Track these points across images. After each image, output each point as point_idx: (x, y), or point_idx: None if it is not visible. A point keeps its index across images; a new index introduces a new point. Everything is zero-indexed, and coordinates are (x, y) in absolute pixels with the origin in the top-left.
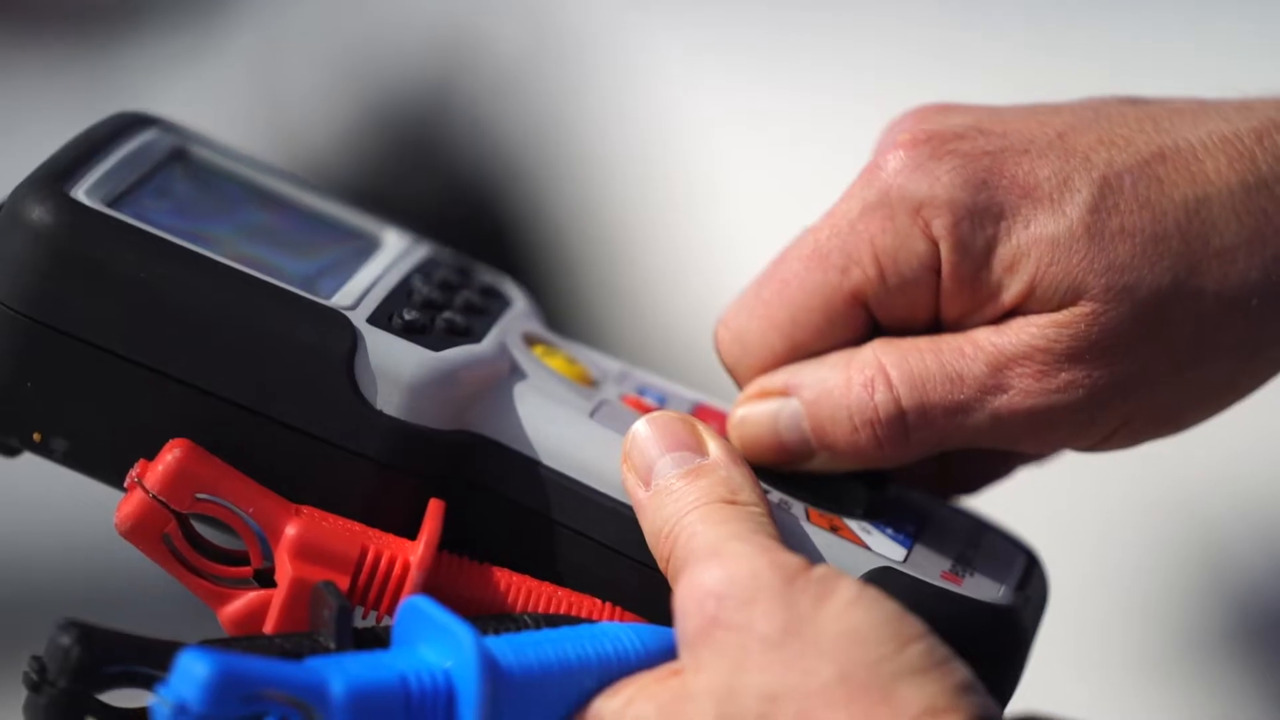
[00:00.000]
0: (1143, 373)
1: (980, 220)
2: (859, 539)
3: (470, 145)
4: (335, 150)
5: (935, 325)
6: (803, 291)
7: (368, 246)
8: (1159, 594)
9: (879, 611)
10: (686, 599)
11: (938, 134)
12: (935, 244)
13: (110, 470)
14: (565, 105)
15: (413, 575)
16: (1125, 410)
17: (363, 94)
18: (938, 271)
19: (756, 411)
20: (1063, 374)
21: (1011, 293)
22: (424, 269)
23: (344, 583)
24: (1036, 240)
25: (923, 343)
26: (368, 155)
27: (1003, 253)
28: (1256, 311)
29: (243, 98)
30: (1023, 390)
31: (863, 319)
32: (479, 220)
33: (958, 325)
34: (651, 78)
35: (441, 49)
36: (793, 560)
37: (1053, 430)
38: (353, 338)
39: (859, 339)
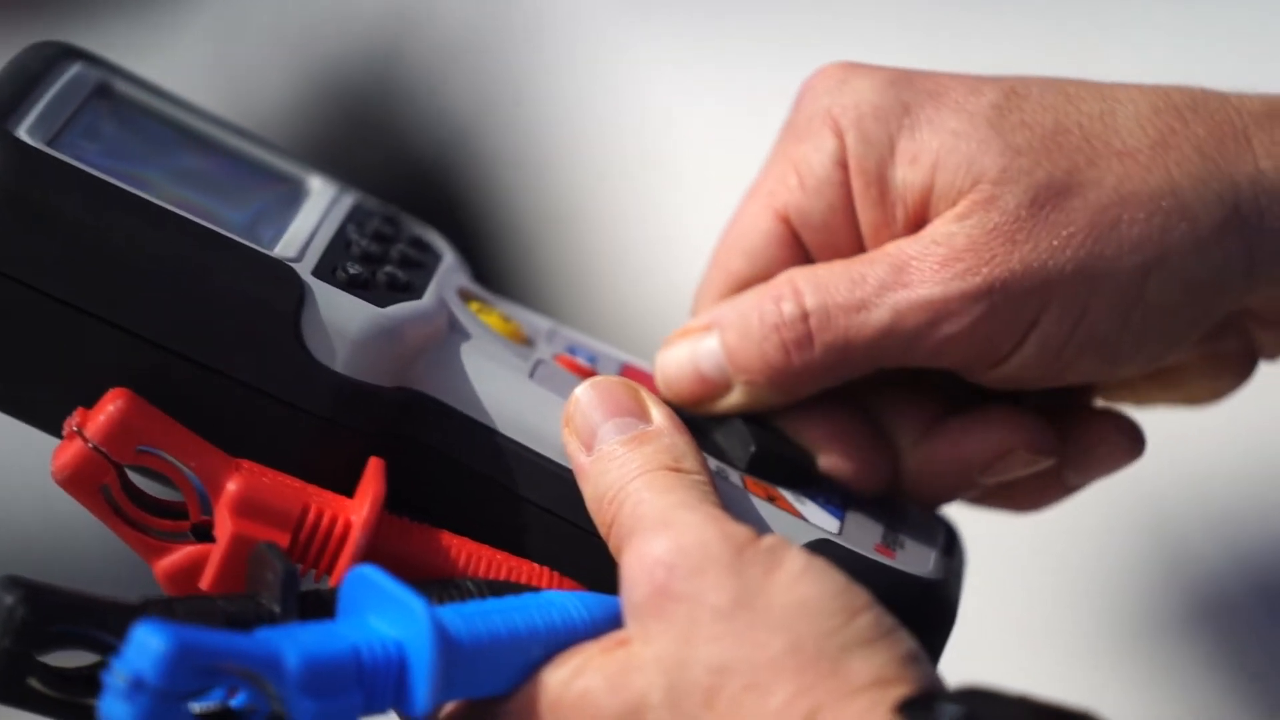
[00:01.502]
0: (1044, 267)
1: (884, 115)
2: (795, 509)
3: (426, 119)
4: (290, 125)
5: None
6: (738, 226)
7: (295, 192)
8: (1111, 579)
9: (827, 583)
10: (635, 568)
11: (856, 63)
12: (841, 138)
13: (48, 417)
14: (518, 76)
15: (354, 535)
16: (1032, 308)
17: (317, 69)
18: (846, 166)
19: (676, 348)
20: (960, 263)
21: (915, 188)
22: (355, 218)
23: (284, 540)
24: (938, 131)
25: (837, 261)
26: (322, 130)
27: (905, 146)
28: (1163, 216)
29: (199, 71)
30: (922, 281)
31: (794, 247)
32: (432, 192)
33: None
34: (605, 46)
35: (396, 23)
36: (741, 531)
37: (956, 327)
38: (300, 291)
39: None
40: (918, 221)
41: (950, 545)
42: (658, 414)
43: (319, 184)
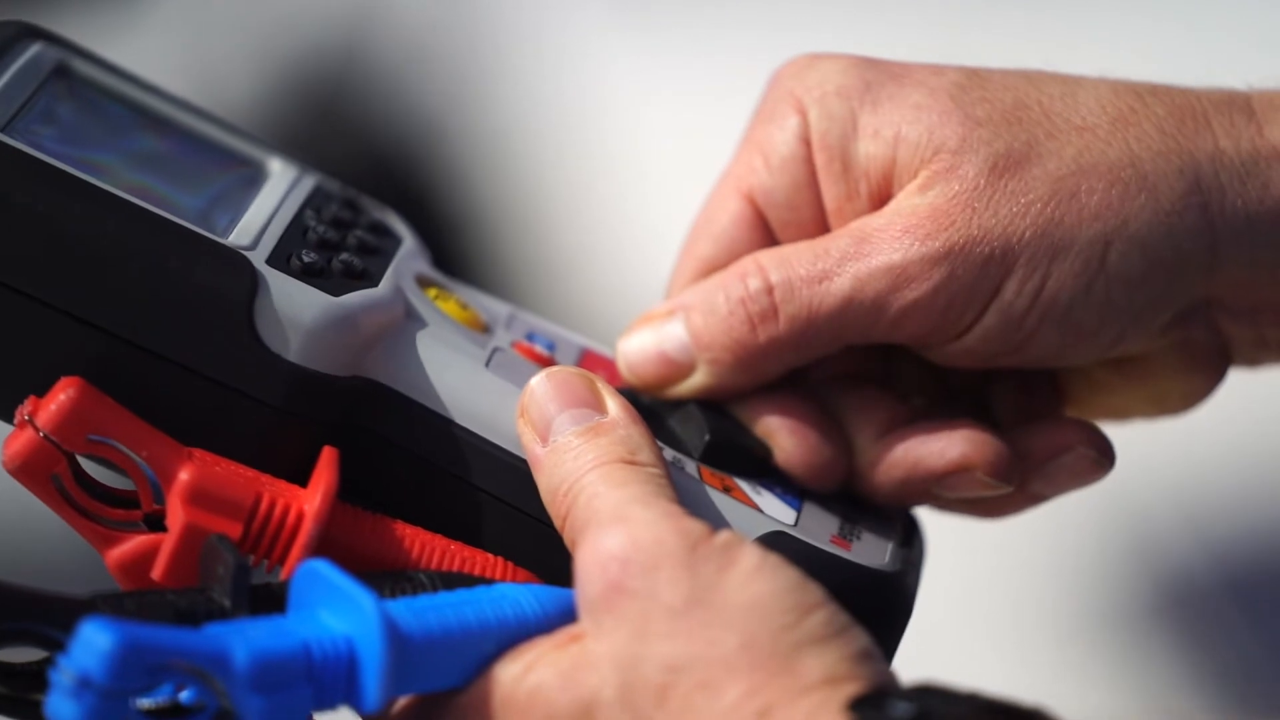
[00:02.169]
0: (1004, 233)
1: (847, 93)
2: (751, 500)
3: (392, 109)
4: (257, 116)
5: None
6: (706, 211)
7: (254, 175)
8: (1082, 572)
9: (781, 579)
10: (589, 563)
11: (823, 53)
12: (804, 115)
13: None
14: (483, 67)
15: (307, 526)
16: (993, 276)
17: (284, 61)
18: (809, 143)
19: (640, 333)
20: (920, 229)
21: (878, 162)
22: (314, 202)
23: (237, 530)
24: (900, 106)
25: (802, 242)
26: (289, 120)
27: (868, 121)
28: (1122, 187)
29: (166, 61)
30: (882, 250)
31: (759, 228)
32: (398, 182)
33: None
34: (570, 34)
35: (362, 14)
36: (696, 527)
37: (916, 293)
38: (253, 280)
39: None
40: (881, 196)
41: (909, 537)
42: (613, 405)
43: (279, 166)
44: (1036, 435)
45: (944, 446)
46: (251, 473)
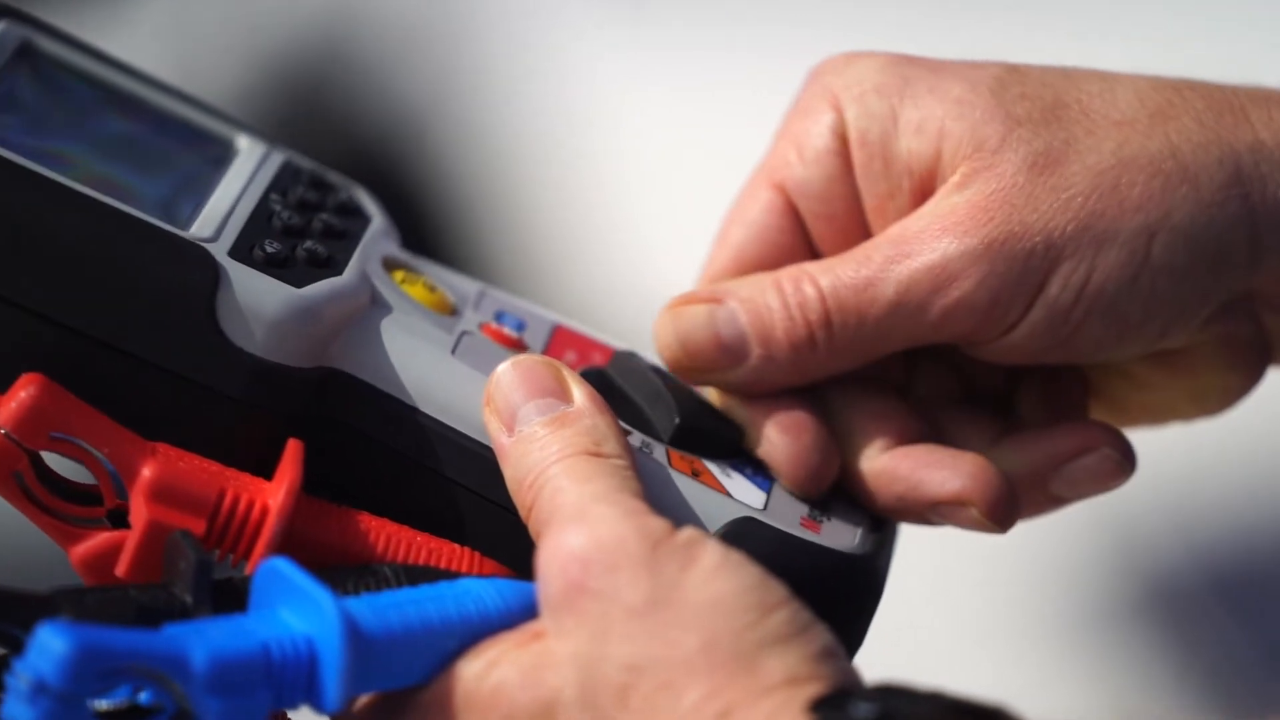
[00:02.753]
0: (1046, 228)
1: (886, 90)
2: (720, 485)
3: (375, 101)
4: (239, 108)
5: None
6: (739, 201)
7: (222, 154)
8: (1065, 570)
9: (743, 578)
10: (550, 562)
11: (859, 51)
12: (840, 112)
13: None
14: (468, 57)
15: (270, 522)
16: (1038, 271)
17: (266, 54)
18: (844, 138)
19: (691, 309)
20: (959, 227)
21: (922, 157)
22: (280, 184)
23: (200, 526)
24: (942, 99)
25: (844, 253)
26: (271, 112)
27: (910, 116)
28: (1164, 178)
29: (150, 57)
30: (923, 250)
31: (791, 216)
32: (380, 174)
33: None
34: (556, 27)
35: (348, 9)
36: (658, 525)
37: (961, 291)
38: (215, 274)
39: (793, 254)
40: (924, 191)
41: (881, 519)
42: (579, 394)
43: (247, 144)
44: (1060, 435)
45: (946, 476)
46: (216, 467)
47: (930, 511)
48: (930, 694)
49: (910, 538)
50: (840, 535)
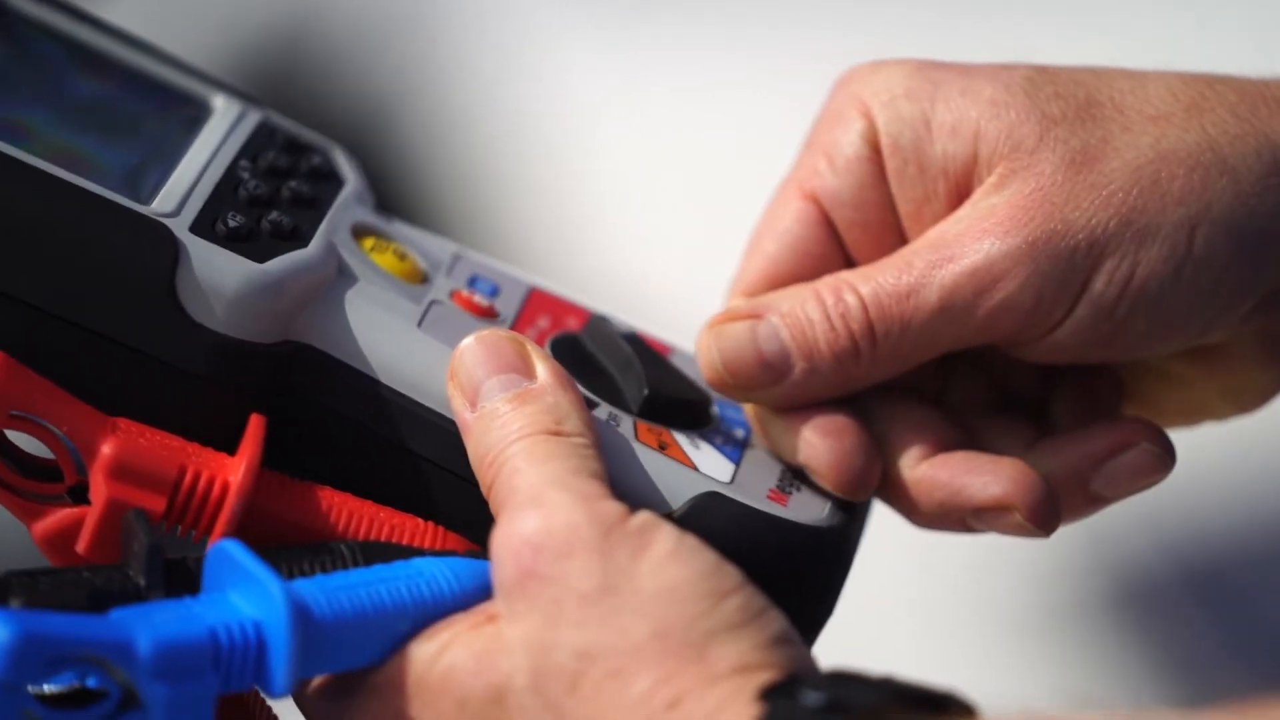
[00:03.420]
0: (1088, 225)
1: (916, 95)
2: (687, 457)
3: (349, 87)
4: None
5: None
6: (770, 212)
7: (195, 116)
8: (1037, 562)
9: (695, 564)
10: (503, 546)
11: (886, 60)
12: (870, 119)
13: None
14: (439, 54)
15: (230, 501)
16: (1082, 268)
17: (242, 37)
18: (875, 145)
19: (732, 327)
20: (1000, 228)
21: (958, 160)
22: (252, 149)
23: (160, 504)
24: (976, 100)
25: (883, 260)
26: (255, 78)
27: (943, 119)
28: (1203, 171)
29: (125, 23)
30: (965, 254)
31: (825, 225)
32: (365, 144)
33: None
34: (526, 25)
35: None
36: (612, 510)
37: (1005, 292)
38: (174, 250)
39: (828, 264)
40: (961, 194)
41: None
42: (542, 370)
43: (222, 104)
44: (1098, 434)
45: (988, 481)
46: (178, 443)
47: (972, 518)
48: (880, 680)
49: (880, 531)
50: (808, 508)
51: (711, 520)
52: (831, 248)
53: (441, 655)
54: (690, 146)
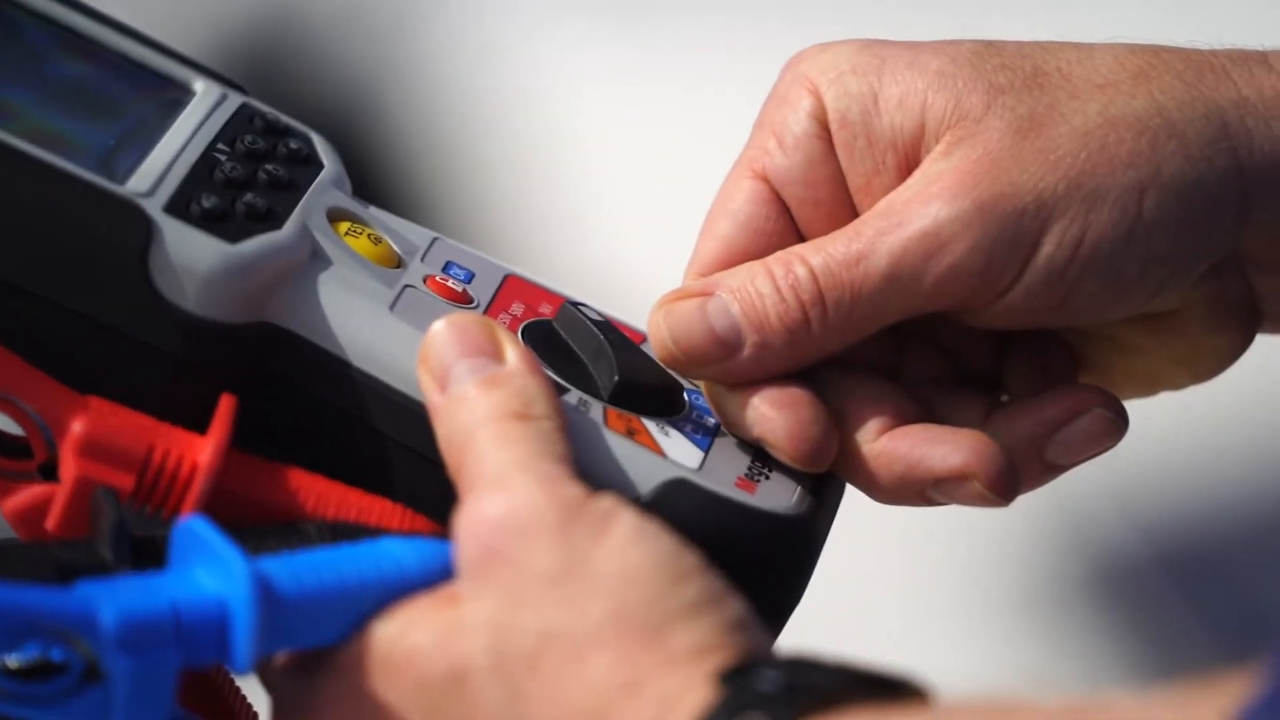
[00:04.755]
0: (1035, 188)
1: (863, 70)
2: (656, 444)
3: (330, 77)
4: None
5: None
6: (721, 194)
7: (176, 100)
8: (1012, 545)
9: (656, 548)
10: (467, 527)
11: (834, 41)
12: (818, 96)
13: None
14: (420, 43)
15: (198, 481)
16: (1031, 230)
17: (227, 32)
18: (823, 121)
19: (682, 305)
20: (947, 192)
21: (906, 132)
22: (230, 133)
23: (129, 482)
24: (923, 72)
25: (834, 232)
26: (238, 65)
27: (890, 92)
28: (1151, 135)
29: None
30: (913, 219)
31: (776, 203)
32: (345, 132)
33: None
34: (505, 15)
35: None
36: (574, 493)
37: (953, 256)
38: (148, 230)
39: (781, 242)
40: (910, 166)
41: (823, 479)
42: (512, 354)
43: (203, 87)
44: (1051, 402)
45: (947, 451)
46: (149, 422)
47: (932, 489)
48: (837, 664)
49: (854, 515)
50: (776, 495)
51: (678, 507)
52: (784, 225)
53: (403, 635)
54: (668, 136)
